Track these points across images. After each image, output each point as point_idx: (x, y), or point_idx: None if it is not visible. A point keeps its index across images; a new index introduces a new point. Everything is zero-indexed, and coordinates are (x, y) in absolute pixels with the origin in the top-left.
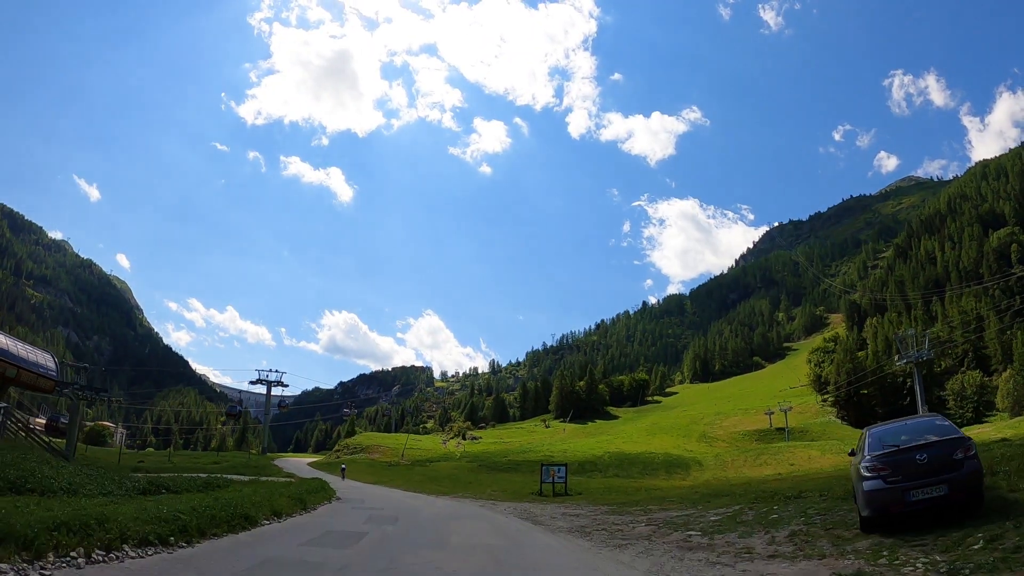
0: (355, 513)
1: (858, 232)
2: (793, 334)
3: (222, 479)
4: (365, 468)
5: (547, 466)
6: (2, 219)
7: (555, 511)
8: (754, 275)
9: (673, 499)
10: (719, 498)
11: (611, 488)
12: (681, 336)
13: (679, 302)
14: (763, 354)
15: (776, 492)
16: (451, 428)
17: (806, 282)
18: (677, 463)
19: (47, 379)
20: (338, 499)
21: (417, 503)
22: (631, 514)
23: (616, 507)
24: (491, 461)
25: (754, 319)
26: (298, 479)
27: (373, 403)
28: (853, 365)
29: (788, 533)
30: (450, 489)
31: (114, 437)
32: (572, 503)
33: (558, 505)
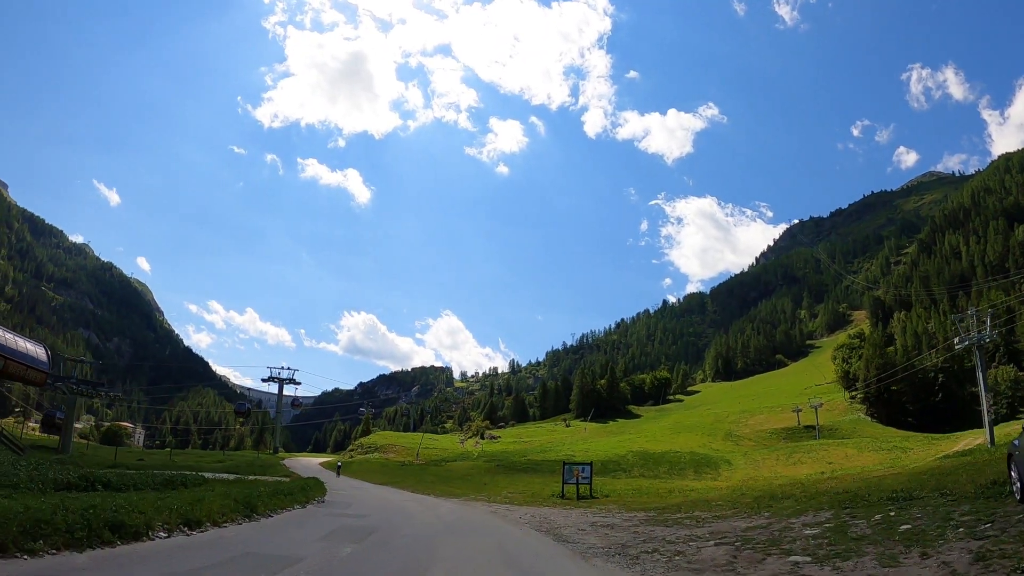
0: (320, 523)
1: (880, 228)
2: (816, 332)
3: (194, 477)
4: (377, 468)
5: (570, 465)
6: (23, 223)
7: (582, 519)
8: (775, 273)
9: (720, 503)
10: (779, 501)
11: (640, 490)
12: (702, 335)
13: (700, 300)
14: (786, 352)
15: (849, 493)
16: (469, 427)
17: (828, 279)
18: (705, 462)
19: (37, 371)
20: (320, 502)
21: (415, 508)
22: (681, 524)
23: (656, 513)
24: (509, 461)
25: (776, 317)
26: (292, 479)
27: (393, 403)
28: (883, 361)
29: (966, 553)
30: (462, 491)
31: (132, 437)
32: (600, 508)
33: (584, 511)
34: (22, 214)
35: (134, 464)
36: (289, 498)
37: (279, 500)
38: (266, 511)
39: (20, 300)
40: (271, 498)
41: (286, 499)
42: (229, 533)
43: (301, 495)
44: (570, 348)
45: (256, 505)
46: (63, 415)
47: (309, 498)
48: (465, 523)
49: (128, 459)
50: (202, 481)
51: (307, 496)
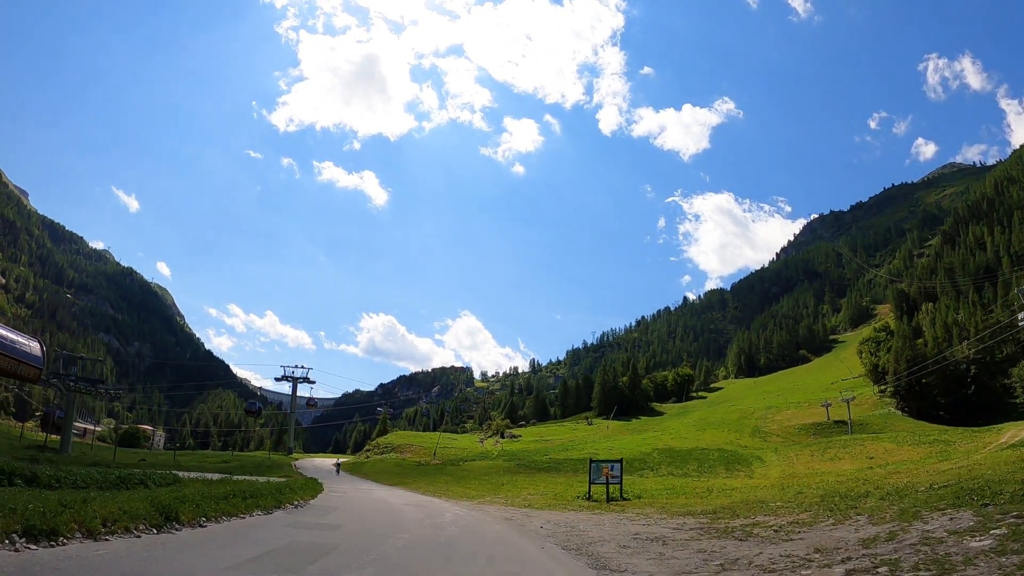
0: (265, 537)
1: (901, 221)
2: (839, 326)
3: (166, 476)
4: (391, 468)
5: (597, 462)
6: (43, 230)
7: (619, 529)
8: (796, 268)
9: (778, 503)
10: (858, 500)
11: (674, 489)
12: (724, 331)
13: (720, 297)
14: (809, 347)
15: (952, 486)
16: (489, 426)
17: (850, 273)
18: (735, 459)
19: (29, 366)
20: (297, 507)
21: (413, 515)
22: (753, 536)
23: (708, 519)
24: (530, 460)
25: (798, 312)
26: (289, 479)
27: (413, 404)
28: (913, 353)
29: None
30: (477, 492)
31: (150, 440)
32: (636, 512)
33: (618, 516)
34: (42, 221)
35: (134, 464)
36: (252, 501)
37: (236, 504)
38: (195, 519)
39: (41, 305)
40: (224, 501)
41: (248, 502)
42: (96, 550)
43: (273, 498)
44: (590, 347)
45: (179, 511)
46: (63, 414)
47: (283, 501)
48: (469, 537)
49: (129, 460)
50: (172, 481)
51: (281, 499)
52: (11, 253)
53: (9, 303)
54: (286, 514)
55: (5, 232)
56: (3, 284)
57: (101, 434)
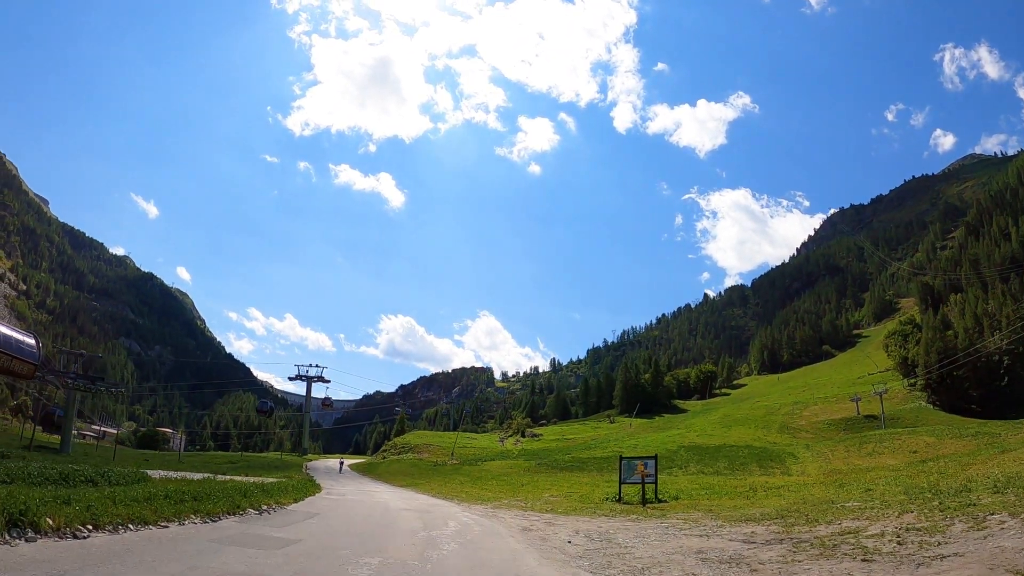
0: (158, 559)
1: (923, 214)
2: (862, 321)
3: (129, 474)
4: (407, 468)
5: (629, 460)
6: (63, 237)
7: (672, 544)
8: (817, 263)
9: (851, 503)
10: (958, 497)
11: (712, 488)
12: (745, 328)
13: (741, 293)
14: (832, 342)
15: None
16: (509, 426)
17: (872, 267)
18: (767, 455)
19: (23, 361)
20: (265, 512)
21: (407, 525)
22: (873, 554)
23: (780, 526)
24: (551, 459)
25: (820, 307)
26: (283, 480)
27: (433, 405)
28: (943, 345)
29: None
30: (494, 494)
31: (169, 442)
32: (682, 517)
33: (661, 522)
34: (62, 228)
35: (138, 463)
36: (192, 505)
37: (159, 508)
38: (69, 526)
39: (61, 311)
40: (144, 504)
41: (184, 506)
42: None
43: (228, 501)
44: (611, 345)
45: (44, 514)
46: (62, 412)
47: (245, 506)
48: (468, 562)
49: (132, 460)
50: (135, 480)
51: (244, 503)
52: (32, 260)
53: (30, 309)
54: (237, 522)
55: (26, 239)
56: (24, 290)
57: (120, 436)
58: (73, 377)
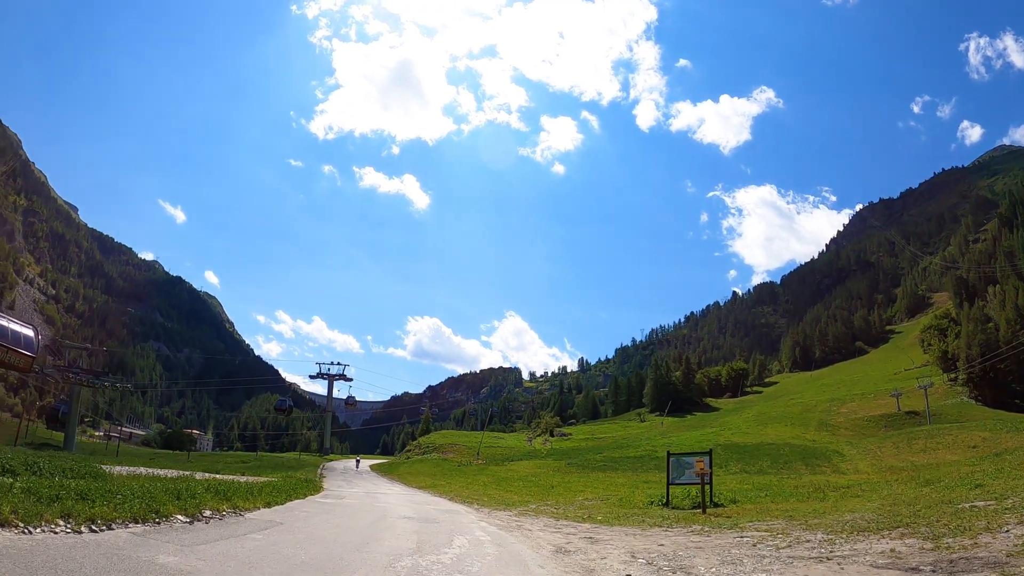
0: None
1: (954, 207)
2: (895, 316)
3: (77, 469)
4: (429, 469)
5: (679, 457)
6: (92, 242)
7: None
8: (848, 258)
9: (979, 505)
10: None
11: (769, 489)
12: (775, 325)
13: (771, 290)
14: (865, 339)
15: None
16: (538, 425)
17: (904, 262)
18: (811, 453)
19: (20, 353)
20: (213, 519)
21: (384, 549)
22: None
23: (923, 542)
24: (582, 459)
25: (852, 303)
26: (272, 479)
27: (462, 406)
28: (985, 338)
29: None
30: (521, 497)
31: (196, 443)
32: (761, 529)
33: (738, 536)
34: (91, 234)
35: (141, 461)
36: (96, 507)
37: (46, 507)
38: None
39: (90, 315)
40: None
41: (88, 508)
42: None
43: (141, 504)
44: (639, 344)
45: None
46: (67, 409)
47: (174, 511)
48: None
49: (139, 457)
50: (79, 474)
51: (169, 509)
52: (61, 265)
53: (59, 313)
54: (133, 535)
55: (55, 245)
56: (54, 295)
57: (146, 438)
58: (76, 372)
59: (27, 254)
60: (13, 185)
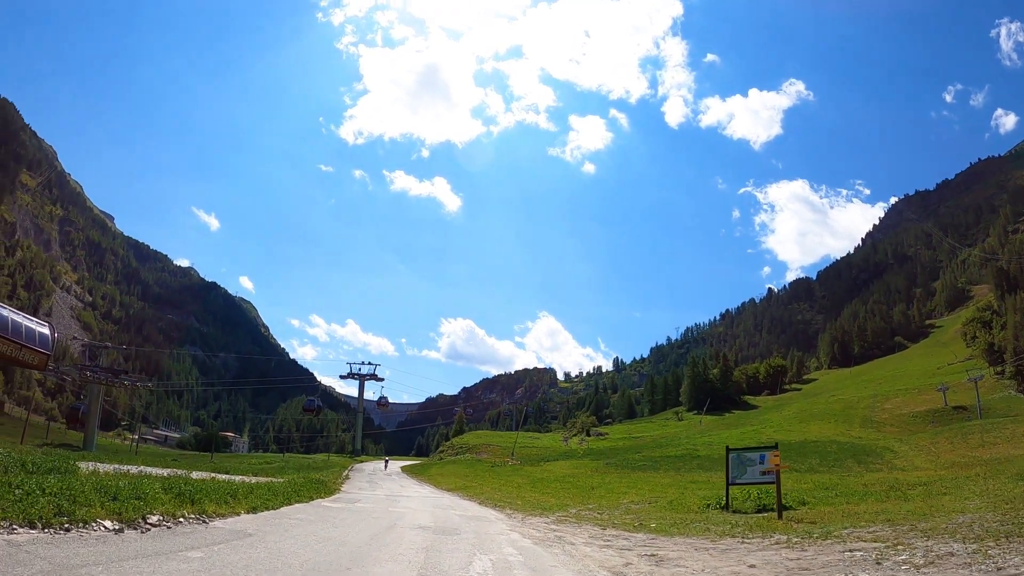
0: None
1: (991, 197)
2: (934, 311)
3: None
4: (462, 470)
5: (741, 452)
6: (128, 250)
7: None
8: (885, 252)
9: None
10: None
11: (836, 489)
12: (811, 322)
13: (806, 286)
14: (905, 333)
15: None
16: (574, 424)
17: (942, 255)
18: (861, 450)
19: (34, 351)
20: (159, 526)
21: None
22: None
23: None
24: (621, 458)
25: (890, 298)
26: (273, 481)
27: (497, 407)
28: None
29: None
30: (559, 500)
31: (231, 445)
32: (866, 540)
33: (846, 551)
34: (127, 242)
35: (160, 462)
36: None
37: None
38: None
39: (127, 321)
40: None
41: None
42: None
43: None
44: (675, 343)
45: None
46: (86, 409)
47: (91, 517)
48: None
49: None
50: (48, 470)
51: (80, 512)
52: (98, 273)
53: (96, 319)
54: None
55: (91, 253)
56: (91, 302)
57: (181, 440)
58: (95, 370)
59: (64, 262)
60: (49, 196)
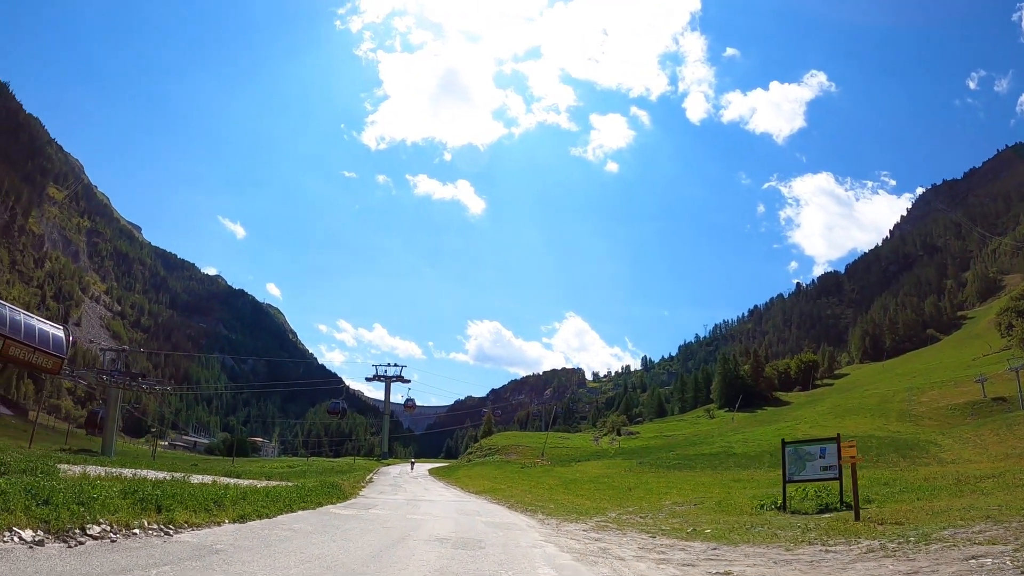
0: None
1: (1021, 184)
2: (966, 301)
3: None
4: (490, 472)
5: (799, 446)
6: (156, 260)
7: None
8: (913, 243)
9: None
10: None
11: (896, 484)
12: (841, 316)
13: (835, 280)
14: (937, 326)
15: None
16: (604, 424)
17: (972, 244)
18: (904, 444)
19: (48, 355)
20: (165, 530)
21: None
22: None
23: None
24: (654, 457)
25: (921, 290)
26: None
27: (526, 408)
28: None
29: None
30: (596, 503)
31: (260, 450)
32: (976, 544)
33: (971, 561)
34: (154, 252)
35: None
36: None
37: None
38: None
39: (156, 329)
40: None
41: None
42: None
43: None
44: (703, 341)
45: None
46: (104, 413)
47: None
48: None
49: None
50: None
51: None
52: (126, 282)
53: (125, 328)
54: None
55: (119, 263)
56: (119, 311)
57: (210, 445)
58: (112, 374)
59: (92, 273)
60: (77, 208)
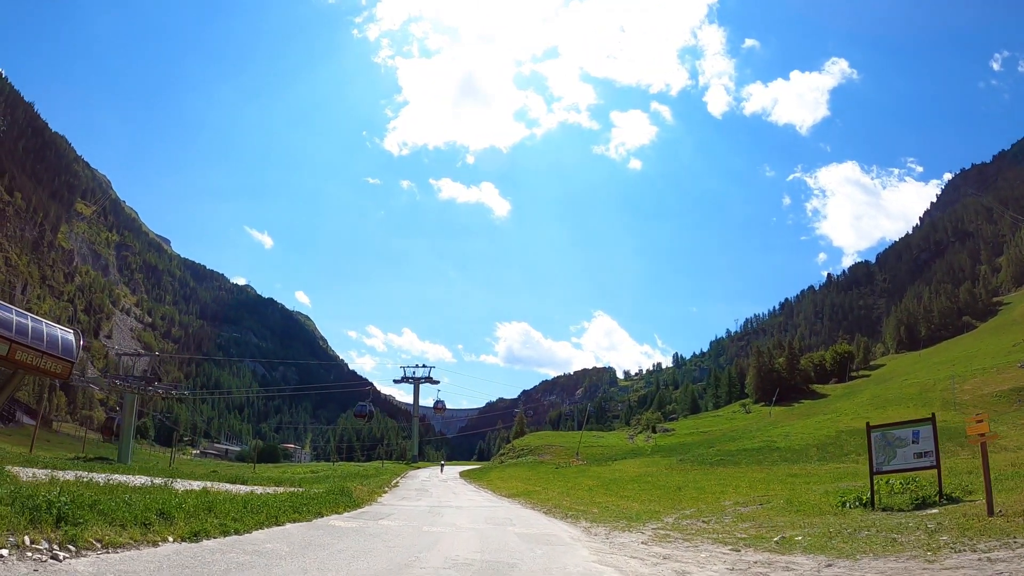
0: None
1: None
2: (1000, 287)
3: None
4: (523, 473)
5: (888, 430)
6: (185, 271)
7: None
8: (945, 230)
9: None
10: None
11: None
12: (874, 306)
13: (866, 270)
14: (972, 313)
15: None
16: (638, 421)
17: (1005, 229)
18: (956, 433)
19: (56, 359)
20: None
21: None
22: None
23: None
24: (694, 454)
25: (955, 277)
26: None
27: (557, 408)
28: None
29: None
30: (645, 505)
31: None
32: None
33: None
34: (183, 263)
35: (213, 474)
36: None
37: None
38: None
39: (186, 339)
40: None
41: None
42: None
43: None
44: (734, 336)
45: None
46: (121, 420)
47: None
48: None
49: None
50: None
51: None
52: (156, 294)
53: (156, 339)
54: None
55: (149, 276)
56: (150, 322)
57: (242, 453)
58: (127, 380)
59: (122, 286)
60: (105, 223)
